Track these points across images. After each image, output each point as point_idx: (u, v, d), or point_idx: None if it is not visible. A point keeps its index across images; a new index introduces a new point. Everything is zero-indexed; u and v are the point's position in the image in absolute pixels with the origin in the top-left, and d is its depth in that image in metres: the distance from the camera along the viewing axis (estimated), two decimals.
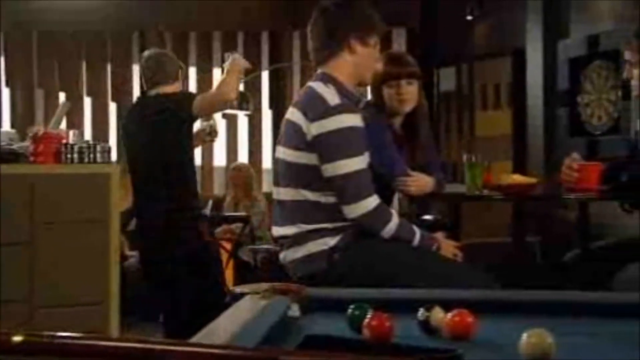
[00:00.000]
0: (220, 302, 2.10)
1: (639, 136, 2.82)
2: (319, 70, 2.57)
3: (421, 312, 1.40)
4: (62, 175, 3.43)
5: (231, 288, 3.51)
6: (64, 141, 3.54)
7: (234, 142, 6.91)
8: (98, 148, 3.42)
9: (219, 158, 7.00)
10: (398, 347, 1.24)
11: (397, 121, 3.00)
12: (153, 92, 3.82)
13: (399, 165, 2.90)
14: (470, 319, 1.35)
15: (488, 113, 6.28)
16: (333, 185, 2.43)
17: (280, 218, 2.54)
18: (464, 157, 2.82)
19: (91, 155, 3.43)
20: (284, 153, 2.51)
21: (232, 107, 5.98)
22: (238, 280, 5.30)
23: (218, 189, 6.90)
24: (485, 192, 2.90)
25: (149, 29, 6.72)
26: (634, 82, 2.74)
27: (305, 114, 2.45)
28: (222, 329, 1.28)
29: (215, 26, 6.89)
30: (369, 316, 1.33)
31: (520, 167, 5.68)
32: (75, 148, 3.47)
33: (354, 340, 1.28)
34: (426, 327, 1.39)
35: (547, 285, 3.04)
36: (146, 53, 4.03)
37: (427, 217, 3.75)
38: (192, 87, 7.05)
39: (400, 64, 3.02)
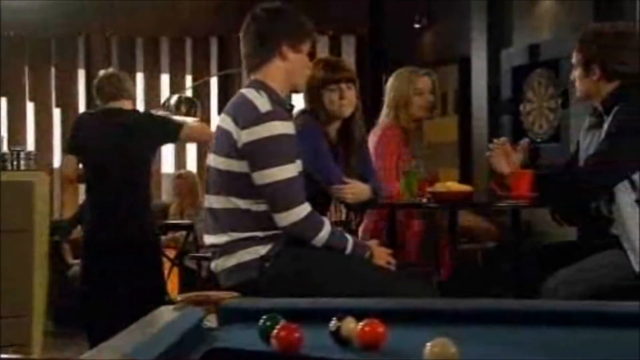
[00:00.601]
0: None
1: (579, 146, 2.86)
2: (251, 77, 2.55)
3: (333, 323, 1.39)
4: None
5: (172, 297, 3.48)
6: None
7: (182, 148, 6.84)
8: (22, 155, 3.33)
9: (167, 165, 6.92)
10: (305, 359, 1.22)
11: (334, 127, 3.00)
12: (112, 105, 3.88)
13: (334, 173, 2.90)
14: (381, 329, 1.34)
15: (436, 120, 6.32)
16: (264, 193, 2.41)
17: (211, 226, 2.51)
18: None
19: (14, 163, 3.34)
20: (214, 160, 2.49)
21: (180, 114, 5.93)
22: (184, 288, 5.24)
23: (166, 196, 6.82)
24: (424, 200, 2.90)
25: (95, 33, 6.62)
26: (575, 84, 2.79)
27: (235, 121, 2.43)
28: (126, 339, 1.24)
29: (163, 31, 6.81)
30: (277, 327, 1.31)
31: (466, 174, 5.74)
32: None
33: (257, 352, 1.26)
34: (337, 337, 1.38)
35: (486, 293, 3.09)
36: (106, 71, 4.18)
37: None
38: (140, 92, 6.97)
39: (339, 68, 3.05)
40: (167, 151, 6.87)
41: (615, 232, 2.66)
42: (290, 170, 2.40)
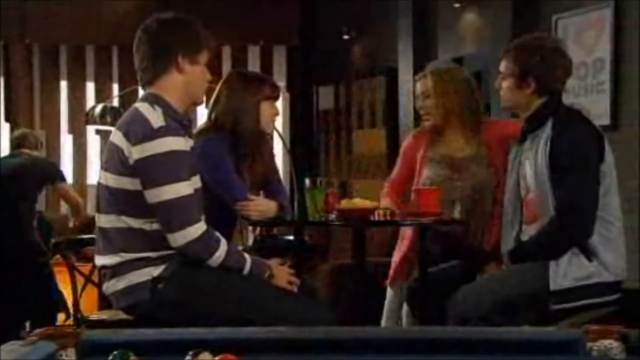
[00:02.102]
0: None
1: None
2: (147, 91, 2.44)
3: (188, 357, 1.30)
4: None
5: (85, 315, 3.33)
6: None
7: None
8: None
9: (94, 176, 6.73)
10: None
11: (243, 142, 2.91)
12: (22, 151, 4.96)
13: (238, 190, 2.81)
14: None
15: (365, 131, 6.30)
16: (156, 212, 2.30)
17: (102, 247, 2.39)
18: (306, 180, 2.74)
19: None
20: (105, 178, 2.37)
21: (105, 123, 5.78)
22: (104, 305, 5.07)
23: (91, 209, 6.63)
24: (332, 216, 2.81)
25: (15, 41, 6.41)
26: (501, 93, 2.74)
27: (127, 137, 2.32)
28: None
29: (88, 39, 6.65)
30: None
31: None
32: None
33: None
34: None
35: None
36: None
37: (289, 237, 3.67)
38: (64, 101, 6.79)
39: (273, 83, 3.02)
40: (94, 161, 6.69)
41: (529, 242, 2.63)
42: (184, 188, 2.30)
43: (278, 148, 6.63)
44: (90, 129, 6.42)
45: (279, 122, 6.96)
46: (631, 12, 3.97)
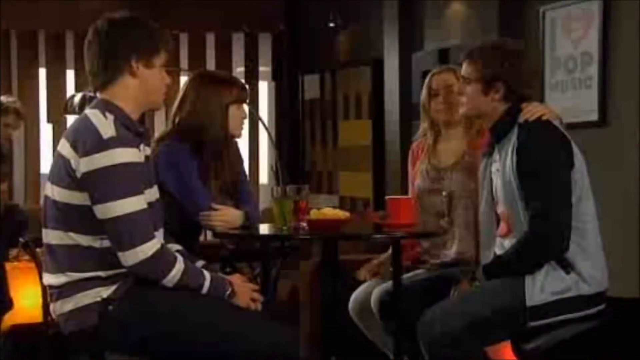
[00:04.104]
0: None
1: None
2: (98, 96, 2.29)
3: None
4: None
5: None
6: None
7: None
8: None
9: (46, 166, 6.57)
10: None
11: (209, 147, 2.77)
12: None
13: (203, 199, 2.67)
14: None
15: (351, 122, 6.15)
16: (106, 229, 2.16)
17: (49, 265, 2.25)
18: (273, 189, 2.59)
19: None
20: (52, 191, 2.21)
21: (73, 112, 5.61)
22: None
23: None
24: (304, 224, 2.66)
25: None
26: (464, 100, 2.60)
27: (74, 147, 2.16)
28: None
29: (67, 25, 6.47)
30: None
31: (379, 178, 5.59)
32: None
33: None
34: None
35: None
36: None
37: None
38: (42, 88, 6.63)
39: (242, 84, 2.89)
40: (46, 152, 6.52)
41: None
42: (136, 203, 2.15)
43: (264, 139, 6.56)
44: (70, 119, 6.26)
45: (264, 112, 6.87)
46: (620, 4, 3.83)
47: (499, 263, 2.50)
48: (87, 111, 2.26)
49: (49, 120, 6.66)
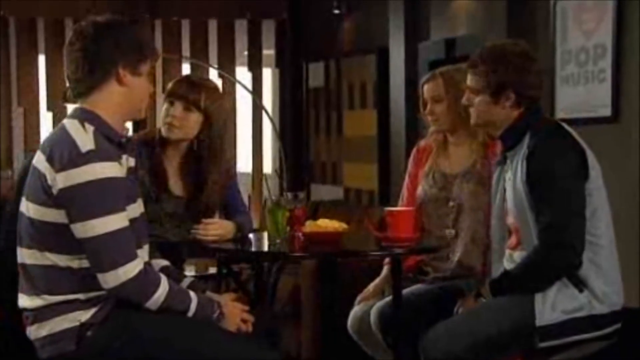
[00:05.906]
0: None
1: None
2: (78, 105, 2.14)
3: None
4: None
5: None
6: None
7: None
8: None
9: None
10: None
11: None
12: None
13: None
14: None
15: (356, 112, 6.00)
16: (85, 249, 2.03)
17: (24, 286, 2.11)
18: (266, 200, 2.44)
19: None
20: (27, 208, 2.08)
21: (67, 101, 5.51)
22: None
23: None
24: (300, 234, 2.52)
25: None
26: (474, 111, 2.44)
27: (51, 161, 2.02)
28: None
29: (66, 12, 6.33)
30: None
31: (384, 170, 5.45)
32: None
33: None
34: None
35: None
36: None
37: None
38: (42, 78, 6.52)
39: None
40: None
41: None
42: (117, 221, 2.01)
43: (267, 129, 6.42)
44: (70, 108, 6.14)
45: (267, 101, 6.72)
46: None
47: (506, 279, 2.35)
48: (65, 121, 2.12)
49: (48, 109, 6.56)
